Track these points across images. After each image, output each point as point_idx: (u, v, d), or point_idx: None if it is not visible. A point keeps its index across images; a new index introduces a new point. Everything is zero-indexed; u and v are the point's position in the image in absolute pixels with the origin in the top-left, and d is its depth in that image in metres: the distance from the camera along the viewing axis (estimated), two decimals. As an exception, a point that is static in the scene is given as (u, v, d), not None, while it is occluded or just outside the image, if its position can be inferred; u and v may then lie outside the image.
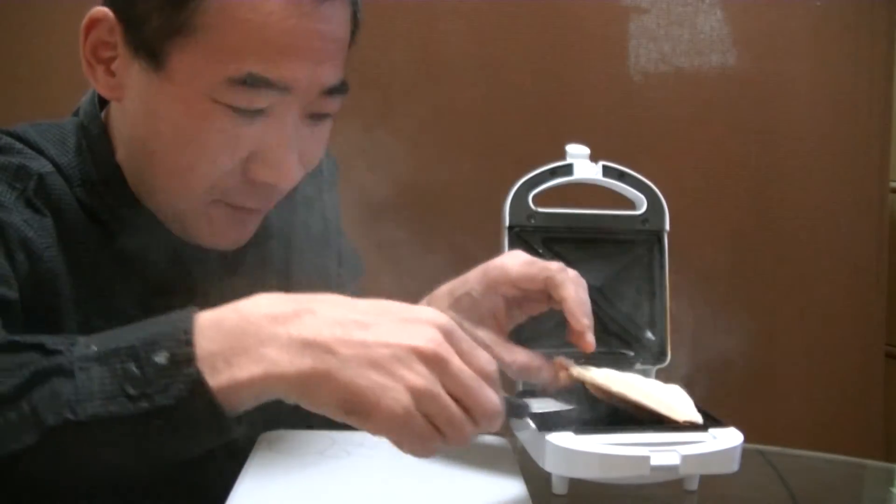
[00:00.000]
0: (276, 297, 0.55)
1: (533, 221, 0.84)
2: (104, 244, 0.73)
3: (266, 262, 0.85)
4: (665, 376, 0.84)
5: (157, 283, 0.75)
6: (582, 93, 1.44)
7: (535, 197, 0.84)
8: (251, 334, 0.52)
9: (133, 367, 0.51)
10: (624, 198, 0.88)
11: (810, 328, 1.53)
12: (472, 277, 0.76)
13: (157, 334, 0.52)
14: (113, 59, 0.70)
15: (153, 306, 0.75)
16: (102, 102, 0.77)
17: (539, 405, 0.71)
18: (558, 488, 0.71)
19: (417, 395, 0.51)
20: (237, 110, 0.66)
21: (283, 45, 0.65)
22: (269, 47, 0.65)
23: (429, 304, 0.80)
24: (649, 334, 0.85)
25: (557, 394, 0.75)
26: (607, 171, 0.86)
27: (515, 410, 0.66)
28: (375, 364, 0.51)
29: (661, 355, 0.84)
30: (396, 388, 0.51)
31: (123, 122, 0.73)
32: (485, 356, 0.56)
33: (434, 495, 0.65)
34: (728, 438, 0.69)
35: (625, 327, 0.84)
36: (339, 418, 0.53)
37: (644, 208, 0.86)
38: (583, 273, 0.84)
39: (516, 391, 0.81)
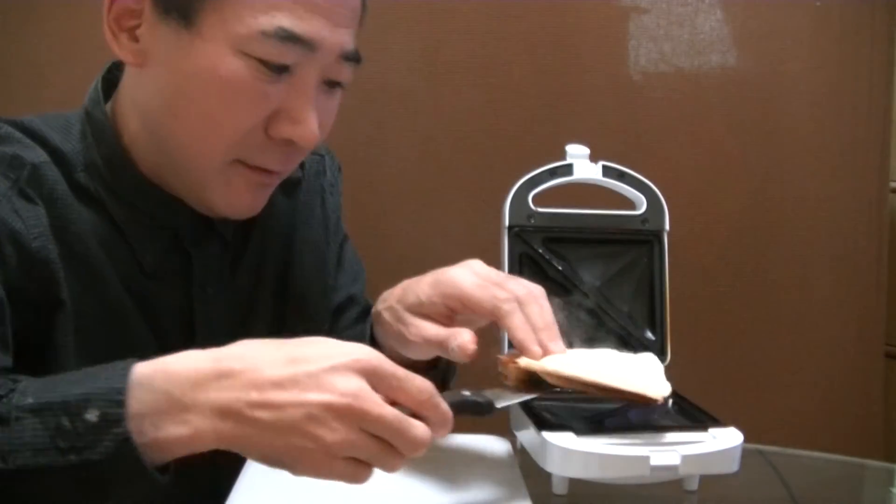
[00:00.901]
0: (200, 354, 0.57)
1: (533, 221, 0.84)
2: (100, 231, 0.75)
3: (265, 256, 0.86)
4: (665, 376, 0.84)
5: (154, 269, 0.77)
6: (582, 93, 1.44)
7: (535, 197, 0.84)
8: (176, 399, 0.55)
9: (65, 422, 0.53)
10: (624, 198, 0.88)
11: (810, 328, 1.52)
12: (425, 282, 0.77)
13: (92, 392, 0.54)
14: (137, 26, 0.72)
15: (148, 292, 0.77)
16: (107, 93, 0.79)
17: (505, 399, 0.70)
18: (558, 488, 0.71)
19: (334, 449, 0.55)
20: (266, 65, 0.69)
21: (311, 3, 0.69)
22: (300, 4, 0.68)
23: (384, 302, 0.81)
24: (649, 334, 0.85)
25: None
26: (607, 171, 0.86)
27: (478, 408, 0.65)
28: (291, 427, 0.54)
29: (661, 355, 0.84)
30: (312, 447, 0.55)
31: (143, 92, 0.75)
32: (417, 383, 0.58)
33: (434, 495, 0.65)
34: (728, 438, 0.69)
35: (625, 327, 0.84)
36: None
37: (644, 208, 0.86)
38: (583, 273, 0.85)
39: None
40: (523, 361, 0.69)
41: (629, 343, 0.84)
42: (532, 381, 0.70)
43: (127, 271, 0.76)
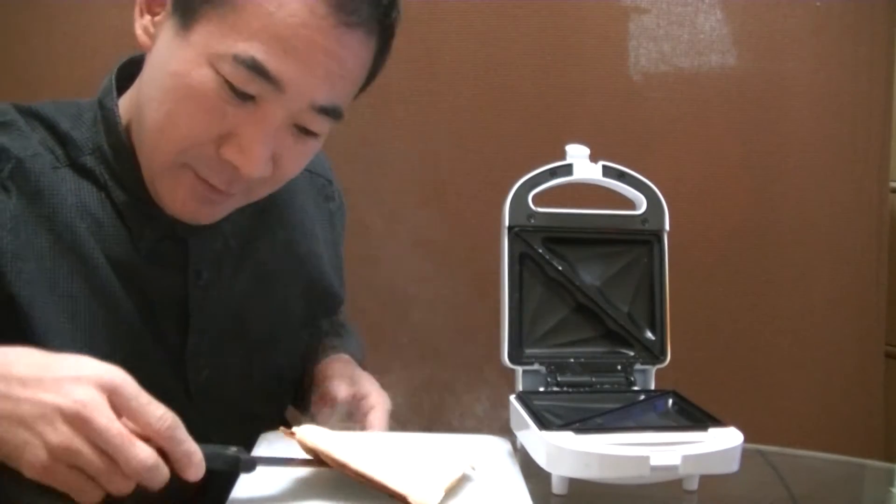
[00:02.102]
0: None
1: (533, 221, 0.84)
2: (99, 214, 0.77)
3: (252, 261, 0.87)
4: (665, 376, 0.84)
5: (150, 253, 0.79)
6: (582, 93, 1.44)
7: (535, 197, 0.84)
8: None
9: None
10: (624, 198, 0.88)
11: (810, 328, 1.53)
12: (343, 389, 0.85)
13: None
14: (159, 13, 0.75)
15: (144, 277, 0.78)
16: (123, 86, 0.82)
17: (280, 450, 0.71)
18: (558, 488, 0.71)
19: (56, 451, 0.56)
20: (231, 88, 0.70)
21: (291, 47, 0.69)
22: (279, 44, 0.69)
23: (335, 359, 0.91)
24: (649, 334, 0.85)
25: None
26: (607, 171, 0.86)
27: (235, 464, 0.65)
28: (21, 421, 0.57)
29: (661, 355, 0.84)
30: (36, 444, 0.57)
31: (142, 78, 0.78)
32: (158, 412, 0.59)
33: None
34: (728, 438, 0.69)
35: (625, 327, 0.84)
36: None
37: (644, 208, 0.86)
38: (583, 273, 0.85)
39: (517, 391, 0.81)
40: (299, 435, 0.67)
41: (629, 343, 0.84)
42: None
43: (123, 254, 0.78)
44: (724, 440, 0.69)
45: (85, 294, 0.75)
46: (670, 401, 0.80)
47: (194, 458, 0.61)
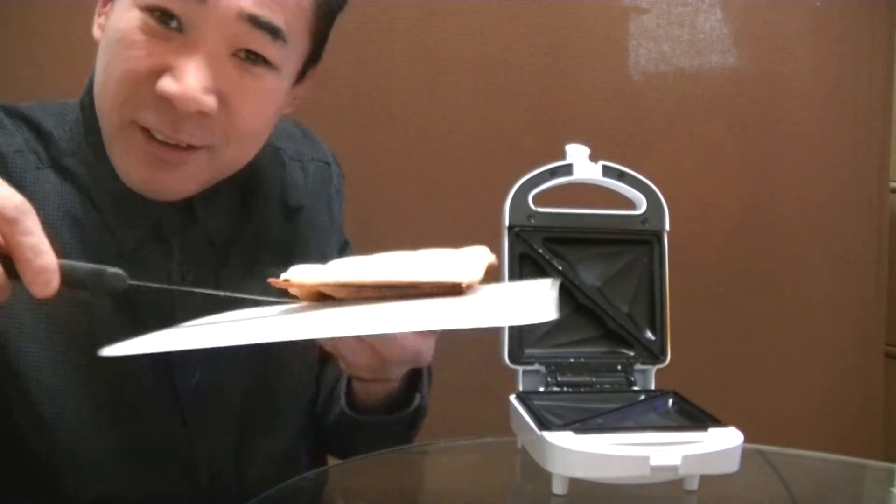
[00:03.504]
0: None
1: (533, 221, 0.84)
2: (82, 216, 0.77)
3: (259, 255, 0.85)
4: (665, 376, 0.84)
5: (133, 254, 0.78)
6: (582, 93, 1.44)
7: (535, 197, 0.84)
8: None
9: None
10: (624, 198, 0.88)
11: (810, 328, 1.53)
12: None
13: None
14: (107, 5, 0.75)
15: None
16: None
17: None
18: (558, 488, 0.71)
19: None
20: (154, 16, 0.68)
21: None
22: None
23: None
24: (649, 334, 0.85)
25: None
26: (607, 171, 0.86)
27: (104, 280, 0.59)
28: None
29: (661, 355, 0.84)
30: None
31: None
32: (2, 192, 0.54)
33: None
34: (728, 438, 0.69)
35: (625, 327, 0.84)
36: None
37: (644, 208, 0.86)
38: (583, 273, 0.85)
39: (518, 391, 0.81)
40: (296, 279, 0.61)
41: (629, 343, 0.84)
42: (322, 294, 0.63)
43: (107, 257, 0.75)
44: (724, 440, 0.69)
45: (64, 295, 0.74)
46: (670, 401, 0.80)
47: (43, 259, 0.55)
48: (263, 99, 0.75)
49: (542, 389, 0.81)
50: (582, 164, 0.85)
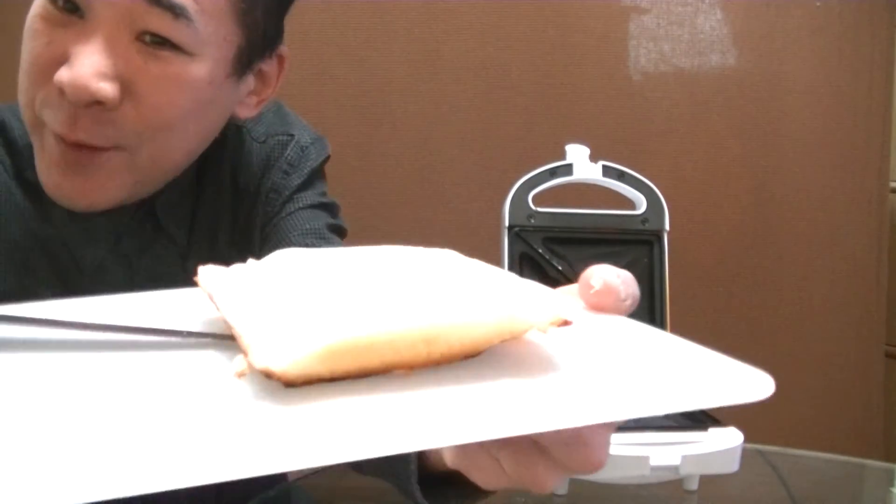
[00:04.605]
0: None
1: (533, 221, 0.84)
2: (41, 231, 0.73)
3: (213, 250, 0.80)
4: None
5: (93, 271, 0.74)
6: (582, 93, 1.44)
7: (535, 197, 0.84)
8: None
9: None
10: (624, 198, 0.88)
11: (810, 328, 1.53)
12: None
13: None
14: None
15: (88, 294, 0.74)
16: None
17: None
18: (558, 488, 0.71)
19: None
20: (56, 6, 0.64)
21: None
22: None
23: None
24: (649, 334, 0.85)
25: None
26: (607, 171, 0.86)
27: None
28: None
29: (661, 355, 0.84)
30: None
31: None
32: None
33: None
34: (728, 438, 0.69)
35: (625, 327, 0.84)
36: None
37: (644, 208, 0.86)
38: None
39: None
40: (278, 368, 0.34)
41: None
42: None
43: (68, 276, 0.73)
44: (724, 440, 0.69)
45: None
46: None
47: None
48: (173, 86, 0.66)
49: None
50: (582, 164, 0.85)
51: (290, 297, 0.39)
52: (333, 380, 0.34)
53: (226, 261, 0.75)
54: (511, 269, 0.82)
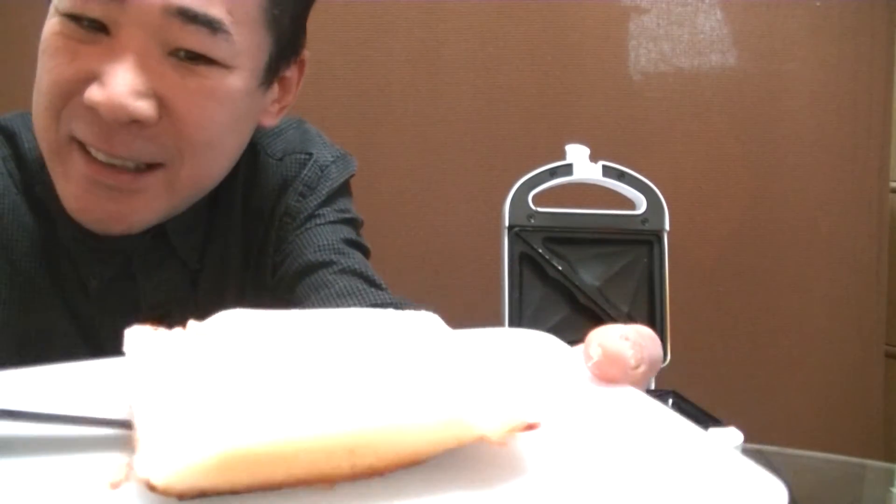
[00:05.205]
0: None
1: (533, 221, 0.84)
2: (48, 250, 0.71)
3: (226, 273, 0.78)
4: (665, 376, 0.84)
5: (98, 293, 0.72)
6: (582, 93, 1.44)
7: (535, 197, 0.84)
8: None
9: None
10: (624, 198, 0.88)
11: (810, 328, 1.53)
12: None
13: None
14: None
15: (92, 316, 0.70)
16: None
17: None
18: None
19: None
20: (76, 21, 0.62)
21: None
22: None
23: None
24: (649, 334, 0.85)
25: None
26: (607, 171, 0.86)
27: None
28: None
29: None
30: None
31: None
32: None
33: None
34: (728, 438, 0.69)
35: (625, 327, 0.84)
36: None
37: (644, 208, 0.86)
38: (583, 273, 0.85)
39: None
40: (160, 481, 0.30)
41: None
42: None
43: (74, 296, 0.71)
44: (723, 440, 0.69)
45: (33, 333, 0.70)
46: (670, 401, 0.80)
47: None
48: (212, 101, 0.65)
49: (542, 389, 0.81)
50: (582, 164, 0.85)
51: (199, 385, 0.32)
52: (236, 492, 0.29)
53: (238, 285, 0.76)
54: (511, 269, 0.83)
